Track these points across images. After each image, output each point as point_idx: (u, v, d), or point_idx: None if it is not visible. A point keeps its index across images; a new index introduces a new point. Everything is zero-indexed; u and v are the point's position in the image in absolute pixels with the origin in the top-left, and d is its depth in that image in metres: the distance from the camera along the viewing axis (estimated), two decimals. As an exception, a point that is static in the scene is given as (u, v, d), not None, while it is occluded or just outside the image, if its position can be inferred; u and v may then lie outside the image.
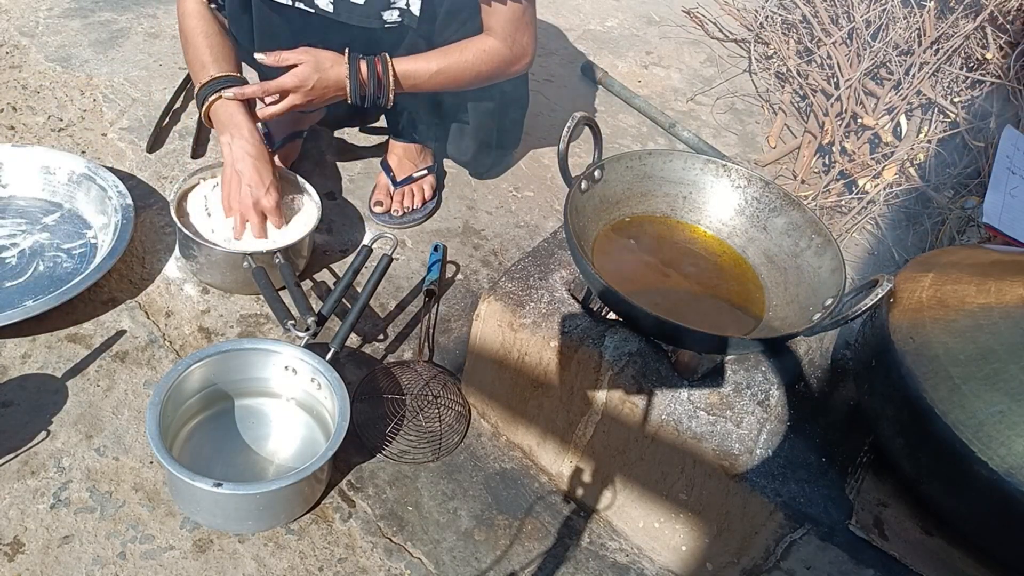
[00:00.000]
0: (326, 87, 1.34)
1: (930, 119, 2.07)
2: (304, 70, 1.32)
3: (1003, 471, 0.84)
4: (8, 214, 1.44)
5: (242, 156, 1.35)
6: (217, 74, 1.36)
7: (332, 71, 1.34)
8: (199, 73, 1.38)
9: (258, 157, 1.36)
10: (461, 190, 1.76)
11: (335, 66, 1.34)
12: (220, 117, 1.36)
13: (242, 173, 1.35)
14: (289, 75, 1.32)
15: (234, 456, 1.18)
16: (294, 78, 1.32)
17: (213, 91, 1.35)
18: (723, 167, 1.22)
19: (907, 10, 2.29)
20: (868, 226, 1.87)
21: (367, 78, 1.36)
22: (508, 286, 1.19)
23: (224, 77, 1.36)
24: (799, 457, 1.04)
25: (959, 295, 0.98)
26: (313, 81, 1.32)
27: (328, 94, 1.36)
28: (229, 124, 1.35)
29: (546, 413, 1.20)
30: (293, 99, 1.34)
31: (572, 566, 1.15)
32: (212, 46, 1.38)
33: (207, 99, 1.36)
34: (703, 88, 2.33)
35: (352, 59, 1.34)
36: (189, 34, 1.39)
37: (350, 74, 1.34)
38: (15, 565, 1.02)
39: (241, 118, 1.35)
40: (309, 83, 1.32)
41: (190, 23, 1.39)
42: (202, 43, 1.38)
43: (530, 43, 1.45)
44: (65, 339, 1.29)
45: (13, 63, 1.82)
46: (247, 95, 1.36)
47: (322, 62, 1.33)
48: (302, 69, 1.32)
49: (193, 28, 1.39)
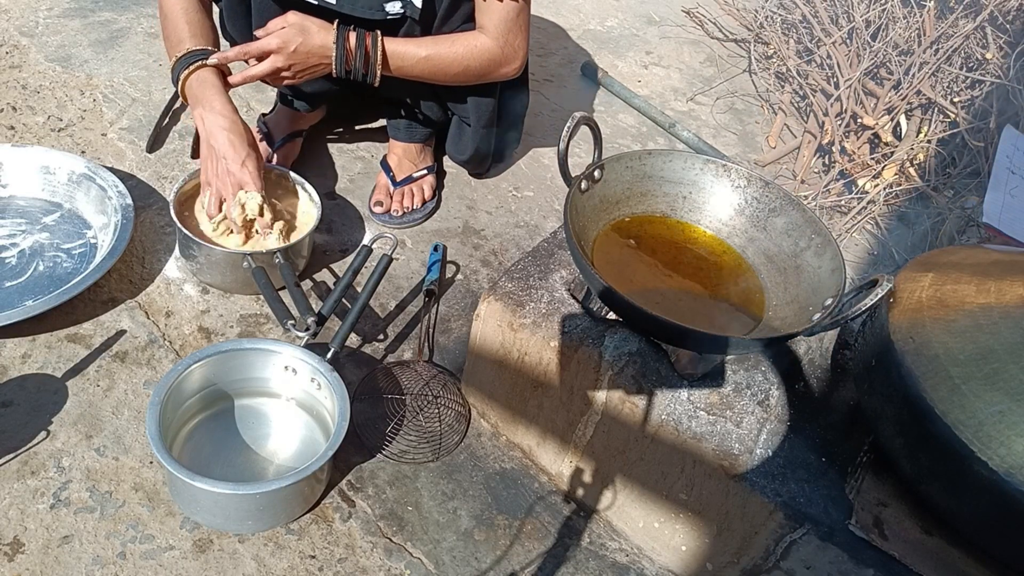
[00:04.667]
0: (309, 51, 1.31)
1: (930, 119, 2.07)
2: (288, 31, 1.29)
3: (1003, 471, 0.84)
4: (8, 214, 1.44)
5: (215, 130, 1.31)
6: (193, 47, 1.34)
7: (317, 36, 1.31)
8: (175, 48, 1.36)
9: (231, 129, 1.32)
10: (461, 190, 1.76)
11: (322, 32, 1.31)
12: (193, 91, 1.33)
13: (215, 147, 1.32)
14: (272, 35, 1.30)
15: (234, 456, 1.18)
16: (277, 38, 1.30)
17: (187, 64, 1.33)
18: (723, 167, 1.22)
19: (907, 10, 2.29)
20: (868, 226, 1.87)
21: (354, 49, 1.33)
22: (508, 286, 1.19)
23: (200, 50, 1.34)
24: (799, 457, 1.04)
25: (959, 295, 0.98)
26: (296, 43, 1.30)
27: (311, 61, 1.33)
28: (202, 98, 1.32)
29: (546, 413, 1.20)
30: (275, 60, 1.31)
31: (572, 566, 1.16)
32: (191, 22, 1.36)
33: (182, 72, 1.33)
34: (703, 88, 2.33)
35: (341, 28, 1.32)
36: (168, 10, 1.37)
37: (336, 41, 1.32)
38: (15, 565, 1.02)
39: (213, 91, 1.32)
40: (291, 45, 1.29)
41: (171, 4, 1.37)
42: (180, 18, 1.36)
43: (522, 46, 1.44)
44: (65, 339, 1.29)
45: (13, 63, 1.82)
46: (229, 59, 1.34)
47: (308, 26, 1.30)
48: (287, 31, 1.29)
49: (172, 4, 1.37)
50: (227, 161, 1.31)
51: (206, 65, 1.34)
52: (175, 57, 1.35)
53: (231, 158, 1.31)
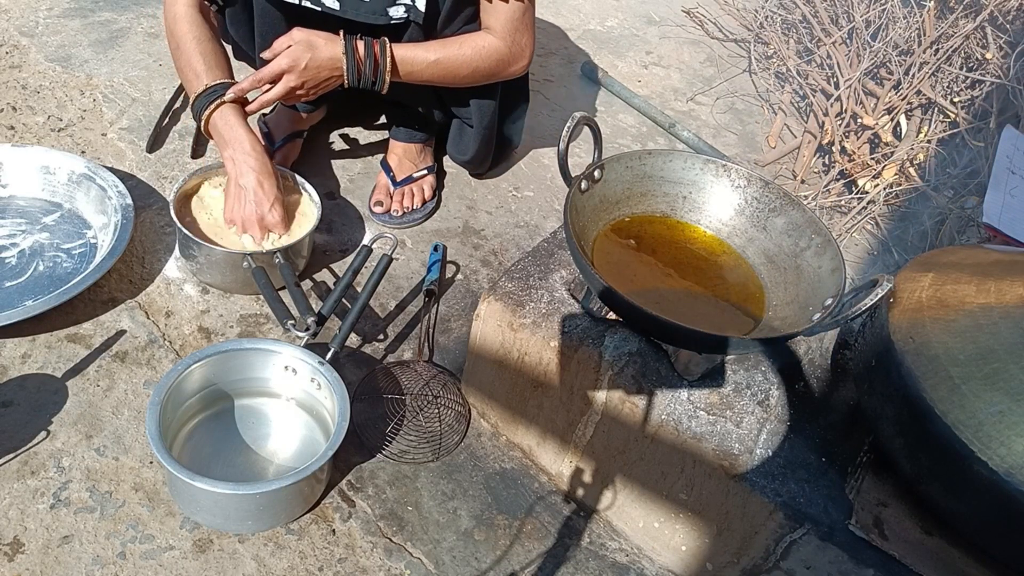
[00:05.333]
0: (319, 66, 1.31)
1: (930, 119, 2.07)
2: (296, 50, 1.29)
3: (1003, 471, 0.84)
4: (8, 214, 1.44)
5: (246, 171, 1.33)
6: (211, 83, 1.34)
7: (326, 49, 1.31)
8: (192, 83, 1.36)
9: (261, 171, 1.34)
10: (461, 190, 1.76)
11: (329, 44, 1.32)
12: (220, 131, 1.35)
13: (246, 188, 1.34)
14: (281, 56, 1.30)
15: (234, 456, 1.18)
16: (286, 58, 1.30)
17: (208, 101, 1.34)
18: (723, 167, 1.22)
19: (907, 10, 2.29)
20: (868, 226, 1.87)
21: (364, 58, 1.34)
22: (508, 286, 1.19)
23: (219, 85, 1.34)
24: (799, 457, 1.04)
25: (959, 295, 0.98)
26: (306, 60, 1.30)
27: (323, 75, 1.33)
28: (231, 139, 1.34)
29: (546, 413, 1.20)
30: (288, 80, 1.32)
31: (572, 566, 1.15)
32: (204, 53, 1.36)
33: (203, 110, 1.34)
34: (703, 88, 2.33)
35: (348, 39, 1.32)
36: (180, 40, 1.37)
37: (346, 51, 1.32)
38: (15, 565, 1.02)
39: (241, 131, 1.34)
40: (302, 62, 1.30)
41: (180, 28, 1.36)
42: (193, 49, 1.36)
43: (528, 44, 1.45)
44: (65, 339, 1.29)
45: (13, 63, 1.82)
46: (244, 90, 1.34)
47: (315, 41, 1.31)
48: (294, 49, 1.30)
49: (184, 34, 1.36)
50: (257, 204, 1.34)
51: (224, 102, 1.34)
52: (194, 94, 1.36)
53: (260, 201, 1.35)
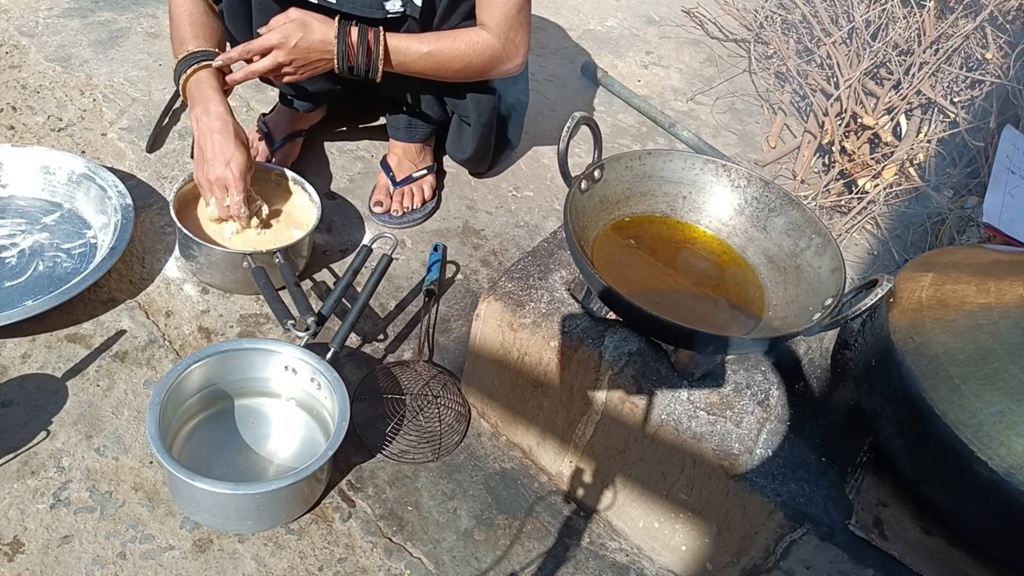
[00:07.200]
0: (310, 46, 1.32)
1: (930, 119, 2.07)
2: (289, 27, 1.30)
3: (1003, 471, 0.84)
4: (8, 214, 1.44)
5: (206, 132, 1.32)
6: (195, 49, 1.35)
7: (319, 31, 1.31)
8: (177, 49, 1.37)
9: (221, 131, 1.32)
10: (461, 190, 1.76)
11: (323, 27, 1.32)
12: (192, 92, 1.35)
13: (204, 148, 1.33)
14: (273, 31, 1.31)
15: (234, 456, 1.18)
16: (278, 33, 1.30)
17: (188, 65, 1.34)
18: (723, 167, 1.22)
19: (907, 10, 2.29)
20: (868, 226, 1.87)
21: (356, 45, 1.34)
22: (508, 286, 1.19)
23: (201, 52, 1.35)
24: (799, 457, 1.04)
25: (959, 295, 0.98)
26: (297, 39, 1.30)
27: (312, 56, 1.33)
28: (198, 99, 1.33)
29: (546, 413, 1.20)
30: (276, 55, 1.31)
31: (572, 566, 1.15)
32: (194, 24, 1.38)
33: (183, 74, 1.34)
34: (703, 88, 2.33)
35: (343, 23, 1.33)
36: (174, 14, 1.39)
37: (338, 36, 1.32)
38: (15, 565, 1.02)
39: (210, 92, 1.33)
40: (292, 40, 1.30)
41: (178, 6, 1.39)
42: (185, 22, 1.37)
43: (523, 42, 1.44)
44: (65, 339, 1.29)
45: (13, 63, 1.82)
46: (233, 59, 1.35)
47: (309, 22, 1.31)
48: (287, 25, 1.30)
49: (179, 8, 1.38)
50: (212, 163, 1.32)
51: (207, 66, 1.34)
52: (177, 58, 1.37)
53: (214, 159, 1.32)
